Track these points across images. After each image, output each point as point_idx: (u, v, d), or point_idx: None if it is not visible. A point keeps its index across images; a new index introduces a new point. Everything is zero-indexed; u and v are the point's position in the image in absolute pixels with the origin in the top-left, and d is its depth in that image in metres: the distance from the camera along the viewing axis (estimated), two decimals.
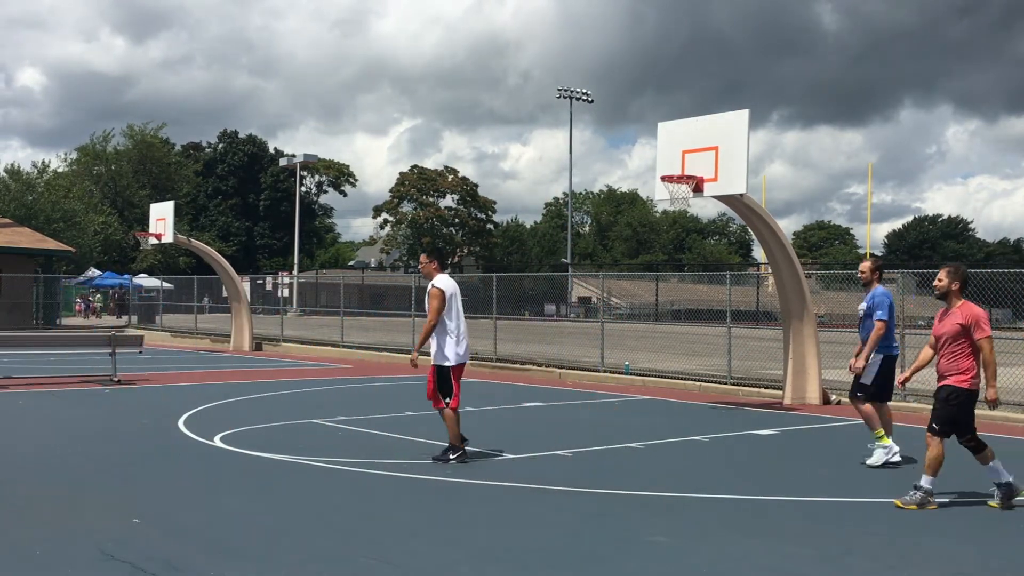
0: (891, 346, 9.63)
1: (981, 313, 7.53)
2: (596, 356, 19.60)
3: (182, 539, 6.21)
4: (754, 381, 16.68)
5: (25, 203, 52.64)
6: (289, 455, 9.42)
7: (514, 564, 5.74)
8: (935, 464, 7.43)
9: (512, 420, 12.89)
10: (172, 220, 25.91)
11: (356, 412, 12.81)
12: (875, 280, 9.76)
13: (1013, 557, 6.12)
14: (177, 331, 33.01)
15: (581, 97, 72.56)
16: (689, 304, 56.18)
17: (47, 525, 6.53)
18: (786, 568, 5.73)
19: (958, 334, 7.49)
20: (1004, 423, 13.01)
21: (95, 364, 18.80)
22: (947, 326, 7.56)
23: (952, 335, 7.51)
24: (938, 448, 7.46)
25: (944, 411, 7.48)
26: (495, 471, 8.70)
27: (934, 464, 7.43)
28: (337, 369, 20.99)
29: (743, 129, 13.15)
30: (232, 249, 78.76)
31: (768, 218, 14.56)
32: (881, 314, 9.43)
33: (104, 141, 76.09)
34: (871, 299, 9.59)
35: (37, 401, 14.05)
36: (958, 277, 7.65)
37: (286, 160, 69.34)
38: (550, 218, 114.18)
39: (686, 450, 10.37)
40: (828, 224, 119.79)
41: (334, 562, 5.74)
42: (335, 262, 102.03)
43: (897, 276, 16.97)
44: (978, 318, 7.47)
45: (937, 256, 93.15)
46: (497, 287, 22.59)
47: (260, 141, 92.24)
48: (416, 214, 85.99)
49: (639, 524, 6.78)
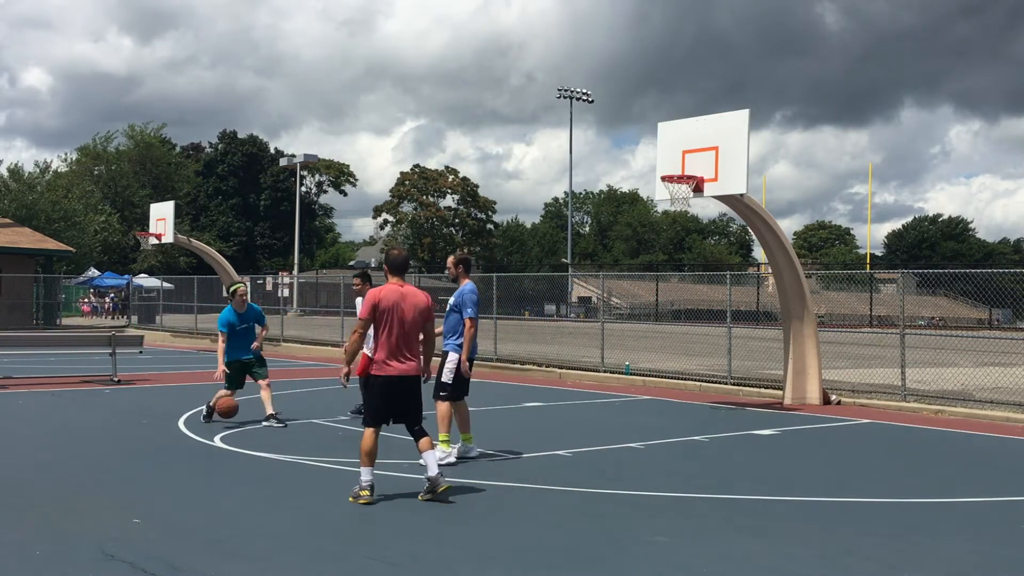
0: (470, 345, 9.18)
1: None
2: (596, 356, 19.60)
3: (182, 539, 6.20)
4: (754, 381, 16.68)
5: (25, 203, 52.62)
6: (289, 455, 9.42)
7: (514, 564, 5.74)
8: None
9: (512, 420, 12.88)
10: (172, 220, 25.93)
11: (364, 411, 12.79)
12: (461, 276, 9.36)
13: (1013, 557, 6.12)
14: (177, 331, 33.00)
15: (581, 97, 72.56)
16: (689, 304, 56.24)
17: (47, 525, 6.53)
18: (786, 568, 5.73)
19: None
20: (1004, 423, 13.01)
21: (95, 364, 18.80)
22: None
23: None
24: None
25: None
26: (495, 471, 8.70)
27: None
28: (337, 369, 20.85)
29: (743, 129, 13.15)
30: (232, 249, 78.71)
31: (768, 218, 14.56)
32: (471, 312, 9.06)
33: (106, 141, 76.17)
34: (459, 295, 9.16)
35: (37, 401, 14.05)
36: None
37: (286, 160, 69.30)
38: (550, 218, 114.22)
39: (686, 450, 10.36)
40: (829, 224, 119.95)
41: (334, 562, 5.73)
42: (335, 262, 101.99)
43: (897, 276, 16.97)
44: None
45: (937, 256, 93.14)
46: (497, 287, 22.59)
47: (260, 141, 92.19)
48: (416, 214, 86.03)
49: (639, 524, 6.78)
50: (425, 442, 7.47)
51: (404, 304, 7.42)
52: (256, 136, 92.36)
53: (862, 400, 14.95)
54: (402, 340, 7.41)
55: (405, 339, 7.41)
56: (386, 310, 7.41)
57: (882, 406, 14.48)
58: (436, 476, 7.37)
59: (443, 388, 9.17)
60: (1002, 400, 14.18)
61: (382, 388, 7.46)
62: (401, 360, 7.43)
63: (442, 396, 9.16)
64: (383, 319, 7.41)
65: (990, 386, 15.64)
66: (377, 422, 7.48)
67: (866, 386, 16.01)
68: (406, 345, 7.44)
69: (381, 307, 7.42)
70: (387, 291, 7.49)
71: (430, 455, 7.44)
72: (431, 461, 7.41)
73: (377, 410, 7.51)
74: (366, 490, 7.29)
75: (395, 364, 7.41)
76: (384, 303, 7.42)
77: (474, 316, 9.12)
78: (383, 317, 7.41)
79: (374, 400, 7.55)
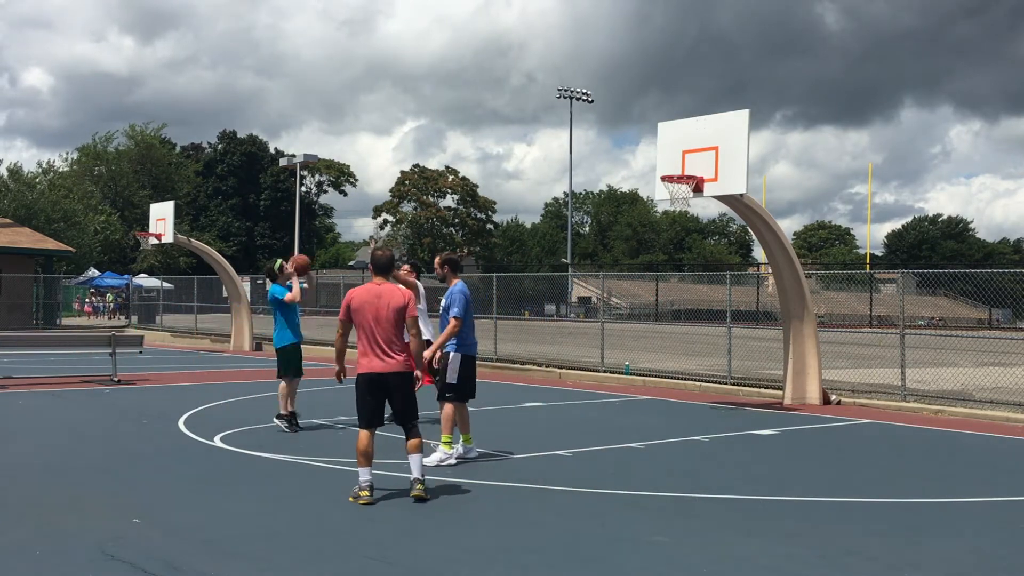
0: (467, 344, 9.21)
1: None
2: (596, 356, 19.59)
3: (182, 539, 6.21)
4: (754, 381, 16.68)
5: (25, 203, 52.60)
6: (289, 455, 9.42)
7: (514, 564, 5.74)
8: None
9: (512, 420, 12.88)
10: (172, 220, 25.91)
11: (356, 412, 12.78)
12: (449, 275, 9.41)
13: (1012, 557, 6.12)
14: (177, 331, 33.00)
15: (581, 97, 72.55)
16: (689, 304, 56.26)
17: (47, 525, 6.53)
18: (786, 568, 5.73)
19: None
20: (1004, 423, 13.01)
21: (95, 364, 18.80)
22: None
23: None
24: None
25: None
26: (495, 471, 8.70)
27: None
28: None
29: (743, 129, 13.15)
30: (232, 249, 78.68)
31: (768, 218, 14.56)
32: (456, 311, 9.08)
33: (106, 141, 76.17)
34: (448, 295, 9.18)
35: (37, 401, 14.05)
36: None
37: (286, 160, 69.29)
38: (549, 218, 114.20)
39: (686, 450, 10.36)
40: (829, 224, 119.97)
41: (334, 562, 5.74)
42: (335, 262, 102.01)
43: (897, 276, 16.99)
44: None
45: (937, 256, 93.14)
46: (497, 287, 22.59)
47: (260, 141, 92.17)
48: (416, 214, 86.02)
49: (639, 524, 6.78)
50: (412, 444, 7.53)
51: (379, 303, 7.47)
52: (256, 136, 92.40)
53: (862, 400, 14.95)
54: (379, 338, 7.45)
55: (383, 337, 7.45)
56: (357, 309, 7.52)
57: (882, 406, 14.48)
58: (414, 479, 7.42)
59: (448, 389, 9.16)
60: (1002, 400, 14.18)
61: (363, 386, 7.55)
62: (380, 358, 7.46)
63: (447, 397, 9.15)
64: (357, 319, 7.52)
65: (990, 386, 15.64)
66: (366, 422, 7.52)
67: (866, 386, 16.01)
68: (385, 343, 7.48)
69: (353, 307, 7.56)
70: (360, 291, 7.63)
71: (414, 458, 7.49)
72: (414, 464, 7.48)
73: (362, 409, 7.56)
74: (365, 490, 7.32)
75: (373, 361, 7.46)
76: (355, 302, 7.55)
77: (459, 315, 9.10)
78: (356, 317, 7.52)
79: (359, 399, 7.61)
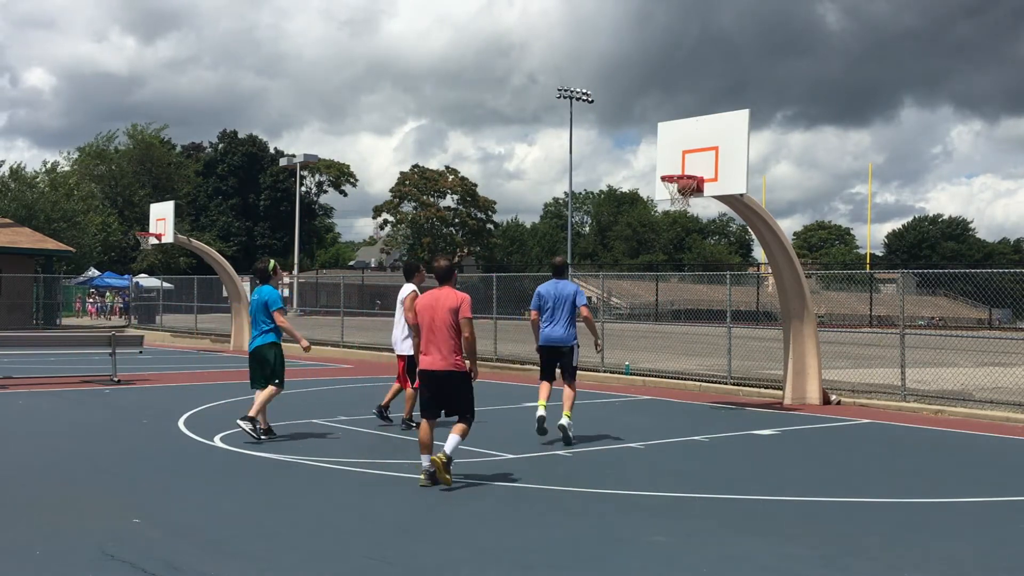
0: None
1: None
2: (596, 356, 19.56)
3: (182, 539, 6.21)
4: (754, 381, 16.67)
5: (25, 203, 52.58)
6: (289, 455, 9.42)
7: (514, 564, 5.74)
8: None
9: (512, 420, 12.88)
10: (172, 220, 25.90)
11: (356, 412, 12.82)
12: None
13: (1013, 557, 6.12)
14: (177, 331, 32.99)
15: (581, 97, 72.47)
16: (689, 304, 56.25)
17: (47, 525, 6.53)
18: (786, 568, 5.73)
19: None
20: (1004, 423, 13.01)
21: (95, 364, 18.80)
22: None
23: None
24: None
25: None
26: (495, 471, 8.70)
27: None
28: (337, 369, 20.97)
29: (743, 129, 13.14)
30: (232, 249, 78.64)
31: (768, 218, 14.56)
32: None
33: (107, 141, 76.16)
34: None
35: (37, 401, 14.05)
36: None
37: (286, 160, 69.31)
38: (549, 218, 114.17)
39: (686, 450, 10.36)
40: (829, 224, 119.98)
41: (334, 562, 5.74)
42: (335, 262, 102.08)
43: (897, 276, 16.99)
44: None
45: (937, 256, 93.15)
46: (497, 287, 22.58)
47: (260, 141, 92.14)
48: (416, 214, 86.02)
49: (639, 524, 6.78)
50: (457, 427, 8.06)
51: (436, 305, 8.14)
52: (256, 136, 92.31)
53: (862, 400, 14.95)
54: (436, 337, 8.07)
55: (439, 336, 8.06)
56: (421, 312, 8.28)
57: (882, 406, 14.48)
58: (444, 452, 7.83)
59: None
60: (1002, 400, 14.17)
61: (423, 380, 8.24)
62: (436, 355, 8.07)
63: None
64: (421, 320, 8.22)
65: (990, 386, 15.63)
66: (424, 411, 8.14)
67: (866, 386, 16.01)
68: (441, 342, 8.06)
69: (418, 309, 8.36)
70: (425, 296, 8.50)
71: (453, 436, 7.97)
72: (450, 440, 7.94)
73: (421, 400, 8.23)
74: (423, 474, 7.90)
75: (430, 359, 8.11)
76: (419, 305, 8.39)
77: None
78: (421, 318, 8.24)
79: (419, 391, 8.34)
